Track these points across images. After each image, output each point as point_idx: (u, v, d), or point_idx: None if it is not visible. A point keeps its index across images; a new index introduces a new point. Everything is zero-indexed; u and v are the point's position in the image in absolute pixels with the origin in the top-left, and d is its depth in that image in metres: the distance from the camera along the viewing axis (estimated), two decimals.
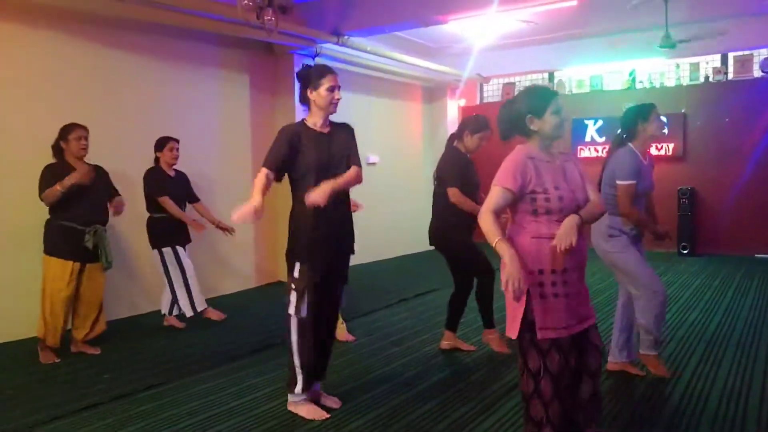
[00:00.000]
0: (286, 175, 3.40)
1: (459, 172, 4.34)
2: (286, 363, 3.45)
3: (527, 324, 2.53)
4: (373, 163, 9.12)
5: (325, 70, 3.35)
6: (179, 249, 5.34)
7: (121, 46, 5.96)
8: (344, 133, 3.49)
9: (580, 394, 2.60)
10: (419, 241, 10.35)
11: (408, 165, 10.11)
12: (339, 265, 3.50)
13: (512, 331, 2.59)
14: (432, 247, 4.68)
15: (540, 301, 2.51)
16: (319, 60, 7.60)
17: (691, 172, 9.14)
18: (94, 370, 4.34)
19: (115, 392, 3.85)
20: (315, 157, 3.31)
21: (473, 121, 4.44)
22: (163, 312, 5.55)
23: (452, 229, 4.41)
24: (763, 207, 8.65)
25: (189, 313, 5.38)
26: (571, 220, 2.49)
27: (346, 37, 7.28)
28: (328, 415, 3.37)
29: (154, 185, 5.28)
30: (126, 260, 5.77)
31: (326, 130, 3.42)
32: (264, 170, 3.28)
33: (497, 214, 2.54)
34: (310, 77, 3.34)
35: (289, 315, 3.36)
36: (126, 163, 5.57)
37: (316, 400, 3.51)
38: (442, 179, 4.44)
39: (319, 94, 3.31)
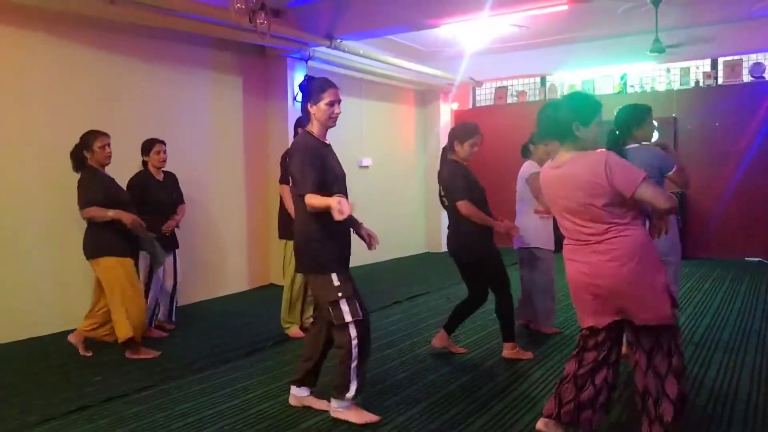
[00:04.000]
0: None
1: (464, 184, 4.26)
2: (337, 370, 3.33)
3: (673, 307, 2.68)
4: (366, 167, 9.15)
5: (326, 84, 3.32)
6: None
7: (114, 49, 5.96)
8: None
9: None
10: (412, 244, 10.45)
11: (401, 168, 10.15)
12: None
13: (666, 317, 2.65)
14: (447, 252, 4.60)
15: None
16: (311, 63, 7.64)
17: (682, 167, 9.18)
18: (86, 371, 4.34)
19: (106, 394, 3.86)
20: (338, 169, 3.36)
21: (461, 129, 4.40)
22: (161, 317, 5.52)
23: (476, 241, 4.31)
24: (753, 210, 8.72)
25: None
26: None
27: (338, 40, 7.30)
28: (379, 418, 3.34)
29: (134, 191, 5.14)
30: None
31: (327, 142, 3.44)
32: (309, 197, 3.17)
33: None
34: (311, 90, 3.33)
35: (347, 324, 3.24)
36: (118, 166, 5.55)
37: (302, 404, 3.57)
38: (449, 193, 4.34)
39: (319, 108, 3.30)
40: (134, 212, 4.57)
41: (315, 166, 3.22)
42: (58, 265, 5.41)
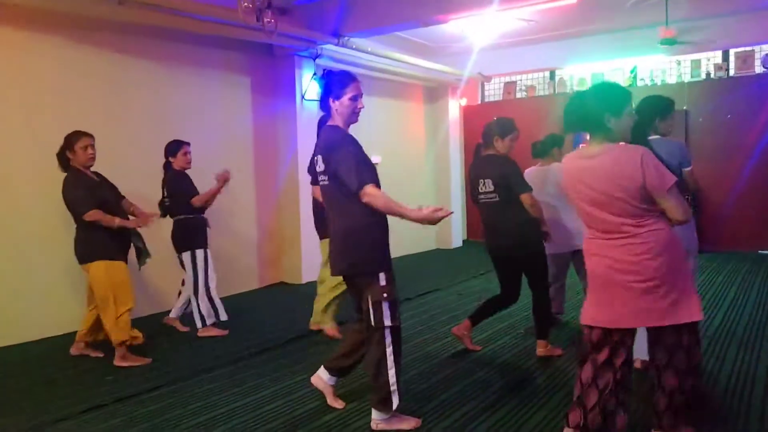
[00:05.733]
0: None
1: (521, 176, 4.20)
2: (379, 382, 3.19)
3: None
4: (375, 164, 9.10)
5: (348, 79, 3.22)
6: (204, 252, 5.28)
7: (122, 50, 5.98)
8: None
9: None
10: (421, 241, 10.41)
11: (410, 165, 10.12)
12: None
13: (696, 315, 2.66)
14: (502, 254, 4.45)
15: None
16: (319, 61, 7.63)
17: (694, 169, 9.11)
18: (98, 372, 4.35)
19: (119, 394, 3.87)
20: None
21: (499, 124, 4.32)
22: (174, 315, 5.52)
23: (533, 235, 4.27)
24: (767, 203, 8.62)
25: (212, 320, 5.26)
26: None
27: (346, 37, 7.28)
28: (419, 420, 3.28)
29: (184, 187, 5.19)
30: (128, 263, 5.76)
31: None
32: (372, 189, 3.09)
33: None
34: (332, 85, 3.22)
35: (385, 328, 3.14)
36: (127, 167, 5.58)
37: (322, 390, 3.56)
38: (507, 187, 4.19)
39: (342, 104, 3.19)
40: (120, 211, 4.56)
41: (365, 158, 3.16)
42: (66, 266, 5.41)
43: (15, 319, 5.12)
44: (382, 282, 3.16)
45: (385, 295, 3.14)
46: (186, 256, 5.21)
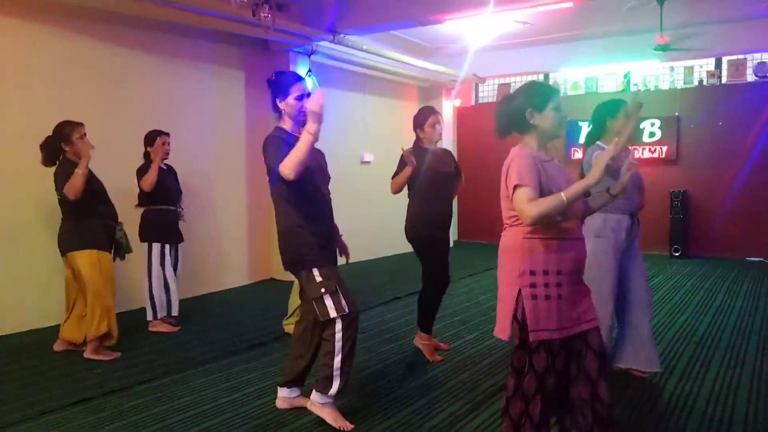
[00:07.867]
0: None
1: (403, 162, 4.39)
2: (324, 363, 3.22)
3: (517, 324, 2.50)
4: (368, 162, 9.13)
5: (294, 78, 3.29)
6: (167, 247, 5.27)
7: (117, 42, 5.95)
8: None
9: (572, 397, 2.54)
10: None
11: None
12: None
13: (502, 332, 2.57)
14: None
15: (531, 303, 2.45)
16: (314, 58, 7.62)
17: (684, 175, 9.19)
18: (87, 365, 4.34)
19: (107, 387, 3.86)
20: (312, 162, 3.20)
21: (415, 116, 4.49)
22: (149, 318, 5.33)
23: (419, 228, 4.40)
24: (756, 210, 8.71)
25: (162, 314, 5.27)
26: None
27: (342, 35, 7.28)
28: (352, 426, 3.22)
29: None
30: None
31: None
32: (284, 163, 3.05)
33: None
34: (279, 85, 3.26)
35: (333, 320, 3.18)
36: (119, 159, 5.55)
37: (292, 405, 3.52)
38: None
39: (287, 104, 3.23)
40: (110, 204, 4.61)
41: (284, 148, 3.11)
42: (55, 257, 5.39)
43: (2, 310, 5.09)
44: (317, 278, 3.22)
45: (323, 290, 3.20)
46: (145, 247, 5.24)
